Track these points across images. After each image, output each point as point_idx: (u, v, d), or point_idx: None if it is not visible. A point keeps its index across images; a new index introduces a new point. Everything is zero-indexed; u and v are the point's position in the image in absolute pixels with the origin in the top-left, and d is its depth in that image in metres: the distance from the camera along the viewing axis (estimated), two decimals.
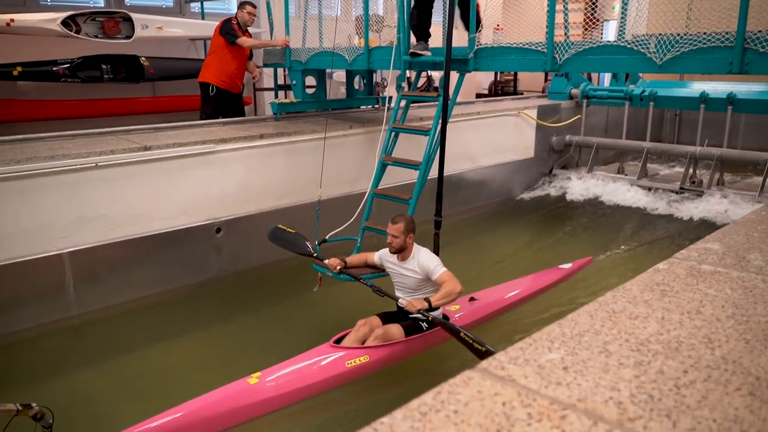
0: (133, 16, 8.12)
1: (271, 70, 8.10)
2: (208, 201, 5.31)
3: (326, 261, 4.30)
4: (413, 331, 4.02)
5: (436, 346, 4.19)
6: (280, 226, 4.87)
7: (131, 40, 8.13)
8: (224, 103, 6.98)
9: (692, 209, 7.52)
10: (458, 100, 6.44)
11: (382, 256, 4.21)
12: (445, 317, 4.24)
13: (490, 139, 8.07)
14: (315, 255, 4.45)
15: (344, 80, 9.02)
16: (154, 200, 5.00)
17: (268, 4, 7.00)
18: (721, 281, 1.71)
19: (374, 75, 7.71)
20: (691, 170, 7.96)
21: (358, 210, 5.23)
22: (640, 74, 10.09)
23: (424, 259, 3.96)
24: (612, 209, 7.98)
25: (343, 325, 4.17)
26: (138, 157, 4.85)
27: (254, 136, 5.55)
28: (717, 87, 8.63)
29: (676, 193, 7.88)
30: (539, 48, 4.92)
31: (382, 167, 5.44)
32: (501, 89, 14.33)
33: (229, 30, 6.74)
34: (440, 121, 4.88)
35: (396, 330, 4.00)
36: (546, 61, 4.90)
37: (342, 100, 7.92)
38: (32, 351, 4.39)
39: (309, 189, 5.84)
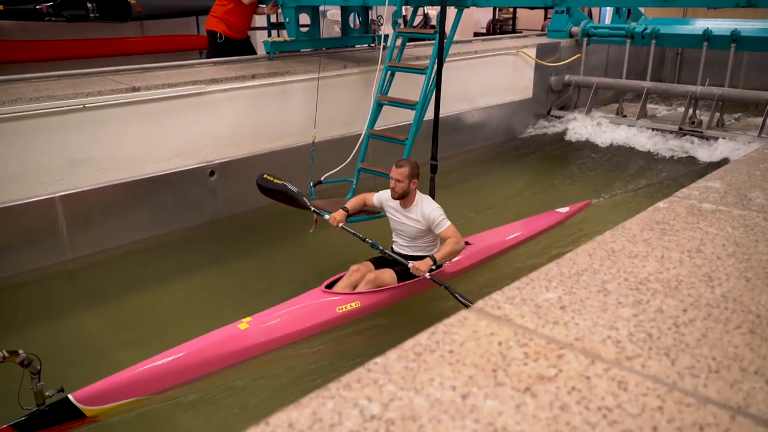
0: None
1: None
2: (200, 143, 5.22)
3: (327, 216, 4.20)
4: (405, 276, 4.01)
5: (427, 291, 4.20)
6: (265, 175, 4.70)
7: None
8: (232, 51, 6.84)
9: (691, 150, 7.46)
10: (455, 38, 6.31)
11: (382, 199, 4.12)
12: (440, 266, 4.22)
13: (488, 79, 7.90)
14: (312, 209, 4.35)
15: (339, 19, 8.80)
16: (145, 143, 4.90)
17: None
18: (722, 220, 1.68)
19: (369, 13, 7.46)
20: (691, 110, 7.85)
21: (354, 151, 5.15)
22: (642, 11, 9.83)
23: (428, 209, 3.89)
24: (610, 151, 7.90)
25: (336, 268, 4.16)
26: (127, 99, 4.72)
27: (246, 76, 5.40)
28: (720, 24, 8.42)
29: (675, 133, 7.79)
30: None
31: (378, 107, 5.34)
32: (499, 28, 13.99)
33: None
34: (436, 60, 4.74)
35: (388, 275, 3.99)
36: None
37: (337, 38, 7.72)
38: (27, 295, 4.39)
39: (303, 131, 5.73)
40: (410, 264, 3.81)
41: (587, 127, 8.38)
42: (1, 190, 4.30)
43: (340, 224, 4.11)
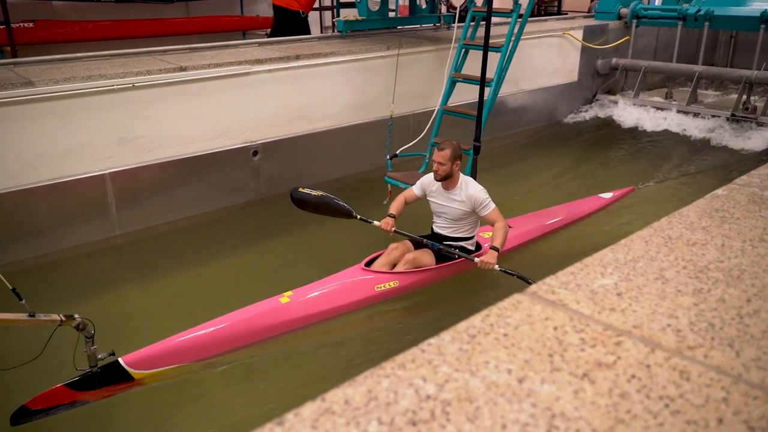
0: None
1: None
2: (244, 123, 5.27)
3: (375, 223, 4.10)
4: (443, 258, 4.00)
5: (463, 272, 4.18)
6: (300, 188, 4.42)
7: None
8: (302, 28, 7.12)
9: (743, 137, 7.19)
10: (498, 21, 6.40)
11: (424, 184, 4.08)
12: (479, 246, 4.20)
13: (533, 61, 7.74)
14: (358, 217, 4.20)
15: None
16: (191, 122, 4.98)
17: None
18: None
19: None
20: (744, 96, 7.55)
21: (427, 126, 5.45)
22: None
23: (473, 190, 3.86)
24: (658, 136, 7.68)
25: (375, 247, 4.17)
26: (174, 78, 4.79)
27: (290, 57, 5.42)
28: None
29: (728, 120, 7.52)
30: None
31: (452, 84, 5.58)
32: (544, 9, 13.67)
33: None
34: (511, 39, 4.99)
35: (426, 256, 3.99)
36: None
37: (405, 18, 7.77)
38: (78, 269, 4.54)
39: (347, 112, 5.78)
40: (477, 260, 3.78)
41: (634, 111, 8.16)
42: (55, 166, 4.43)
43: (393, 228, 4.03)
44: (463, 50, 5.62)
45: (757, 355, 0.97)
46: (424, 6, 7.58)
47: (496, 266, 3.73)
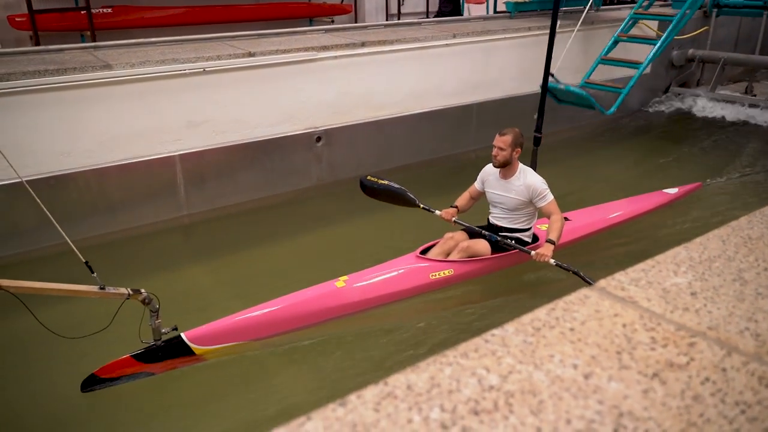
0: None
1: None
2: (308, 110, 5.34)
3: (436, 212, 4.10)
4: (498, 248, 3.95)
5: (520, 264, 4.12)
6: (369, 177, 4.51)
7: None
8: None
9: None
10: (566, 8, 6.42)
11: (483, 175, 4.05)
12: (536, 237, 4.13)
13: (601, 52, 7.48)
14: (421, 206, 4.23)
15: None
16: (257, 107, 5.08)
17: None
18: None
19: None
20: None
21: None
22: None
23: (532, 179, 3.80)
24: (732, 131, 7.32)
25: (432, 236, 4.16)
26: (243, 63, 4.90)
27: (356, 43, 5.44)
28: None
29: None
30: None
31: (601, 63, 6.20)
32: None
33: None
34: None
35: (482, 246, 3.94)
36: None
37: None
38: (146, 246, 4.73)
39: (409, 100, 5.76)
40: (533, 253, 3.72)
41: (709, 105, 7.80)
42: (128, 147, 4.62)
43: (453, 218, 4.03)
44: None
45: None
46: None
47: (552, 260, 3.65)
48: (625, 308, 1.07)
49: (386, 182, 4.40)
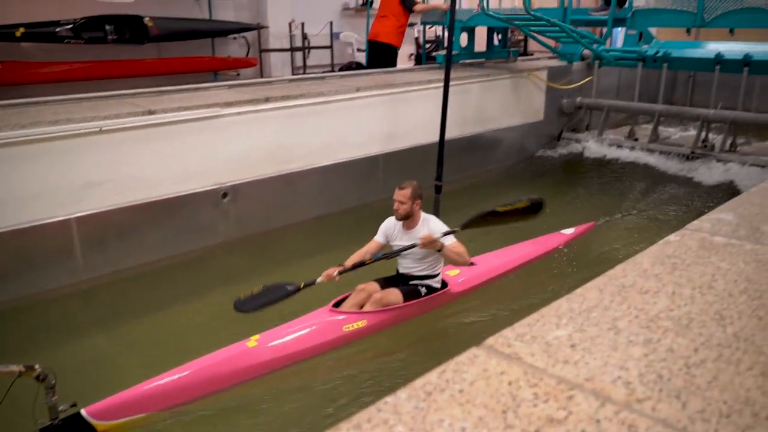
0: None
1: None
2: (213, 165, 5.27)
3: (318, 279, 3.93)
4: (411, 296, 4.03)
5: (433, 310, 4.21)
6: (241, 296, 3.98)
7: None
8: (394, 61, 8.54)
9: (703, 173, 7.42)
10: (467, 61, 6.74)
11: (385, 230, 4.12)
12: (445, 283, 4.25)
13: (501, 101, 7.95)
14: (302, 286, 3.96)
15: (351, 41, 10.74)
16: (160, 165, 4.96)
17: None
18: (734, 254, 1.68)
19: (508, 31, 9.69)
20: (703, 133, 7.82)
21: None
22: (654, 34, 9.84)
23: (435, 226, 3.94)
24: (620, 173, 7.88)
25: (342, 288, 4.17)
26: (143, 122, 4.79)
27: (260, 99, 5.47)
28: (733, 47, 8.40)
29: (687, 157, 7.76)
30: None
31: None
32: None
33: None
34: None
35: (393, 295, 4.00)
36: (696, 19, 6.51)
37: (483, 52, 9.49)
38: (43, 315, 4.44)
39: (318, 152, 5.83)
40: (418, 242, 3.83)
41: (598, 149, 8.38)
42: (20, 211, 4.36)
43: (335, 272, 3.90)
44: None
45: (702, 406, 1.00)
46: (497, 43, 9.55)
47: (442, 239, 3.80)
48: (510, 365, 1.12)
49: (259, 289, 4.02)
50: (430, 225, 3.96)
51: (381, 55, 8.44)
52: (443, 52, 8.14)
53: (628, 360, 1.14)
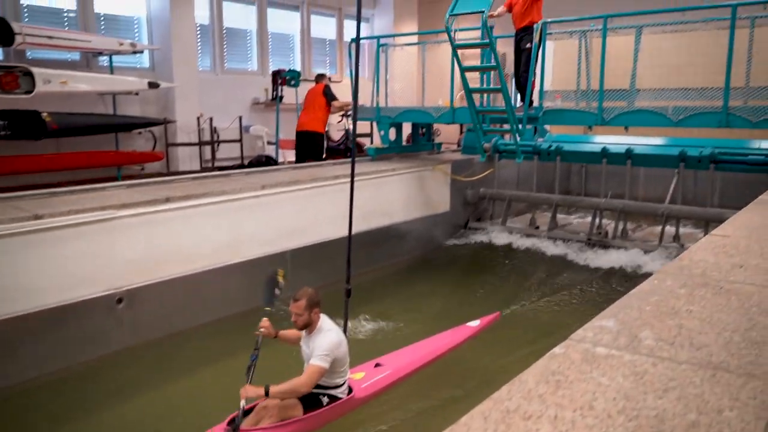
0: (34, 70, 7.78)
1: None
2: (107, 270, 4.99)
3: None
4: (312, 405, 3.85)
5: (336, 420, 4.04)
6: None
7: (32, 95, 7.77)
8: (322, 148, 9.39)
9: (599, 258, 7.84)
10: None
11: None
12: (350, 389, 4.11)
13: (407, 194, 8.15)
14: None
15: (261, 134, 11.00)
16: (47, 271, 4.64)
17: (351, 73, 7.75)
18: (614, 367, 1.71)
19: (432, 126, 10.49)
20: (597, 221, 8.31)
21: None
22: (548, 129, 10.55)
23: (323, 339, 3.79)
24: (523, 260, 8.18)
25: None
26: (28, 227, 4.50)
27: (159, 199, 5.31)
28: (618, 140, 9.11)
29: (584, 243, 8.18)
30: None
31: None
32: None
33: (331, 93, 9.26)
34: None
35: (293, 406, 3.81)
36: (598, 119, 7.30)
37: (410, 145, 10.36)
38: None
39: (223, 251, 5.67)
40: (242, 392, 3.62)
41: (502, 237, 8.72)
42: None
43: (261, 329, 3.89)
44: None
45: None
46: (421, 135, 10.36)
47: (245, 399, 3.60)
48: None
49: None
50: (317, 340, 3.79)
51: (308, 142, 9.31)
52: (373, 146, 9.01)
53: None
